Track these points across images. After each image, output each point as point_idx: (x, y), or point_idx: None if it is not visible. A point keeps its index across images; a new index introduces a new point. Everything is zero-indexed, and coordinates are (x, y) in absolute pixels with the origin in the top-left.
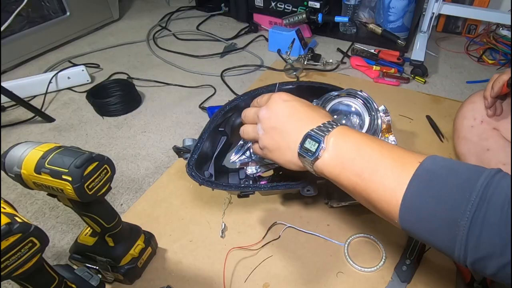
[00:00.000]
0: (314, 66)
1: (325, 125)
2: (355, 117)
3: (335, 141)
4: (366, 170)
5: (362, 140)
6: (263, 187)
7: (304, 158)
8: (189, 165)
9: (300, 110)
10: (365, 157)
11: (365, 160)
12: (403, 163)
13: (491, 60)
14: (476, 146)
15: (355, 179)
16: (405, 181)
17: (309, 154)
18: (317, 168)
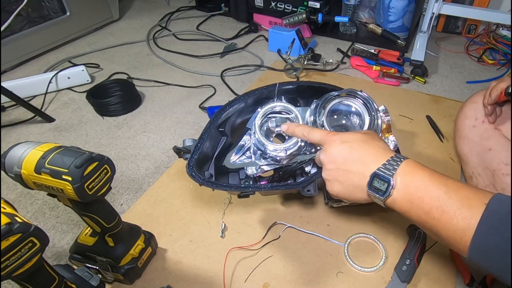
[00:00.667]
0: (314, 66)
1: (390, 163)
2: (355, 117)
3: (403, 179)
4: (434, 210)
5: (428, 178)
6: (264, 187)
7: (375, 198)
8: (189, 166)
9: (358, 149)
10: (433, 196)
11: (433, 200)
12: (470, 205)
13: (491, 60)
14: (478, 146)
15: (424, 217)
16: (474, 223)
17: (379, 193)
18: (388, 204)
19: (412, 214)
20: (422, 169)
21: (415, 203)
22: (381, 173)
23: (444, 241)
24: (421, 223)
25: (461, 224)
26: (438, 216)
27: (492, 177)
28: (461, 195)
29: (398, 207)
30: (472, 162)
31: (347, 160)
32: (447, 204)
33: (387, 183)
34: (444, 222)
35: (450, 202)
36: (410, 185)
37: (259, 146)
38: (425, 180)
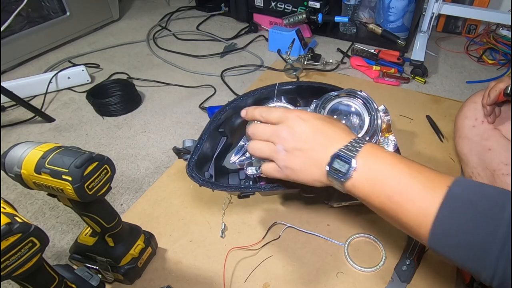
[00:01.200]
0: (314, 66)
1: (352, 144)
2: (355, 117)
3: (365, 161)
4: (396, 192)
5: (391, 160)
6: (264, 188)
7: (334, 179)
8: (189, 166)
9: (323, 128)
10: (395, 179)
11: (395, 182)
12: (433, 187)
13: (491, 60)
14: (478, 145)
15: (385, 200)
16: (435, 205)
17: (339, 175)
18: (347, 187)
19: (373, 198)
20: (384, 152)
21: (377, 187)
22: (342, 153)
23: (405, 227)
24: (381, 209)
25: (423, 207)
26: (400, 200)
27: (492, 177)
28: (424, 177)
29: (358, 191)
30: (472, 162)
31: (311, 140)
32: (409, 186)
33: (348, 164)
34: (406, 206)
35: (413, 185)
36: (372, 168)
37: None
38: (387, 163)
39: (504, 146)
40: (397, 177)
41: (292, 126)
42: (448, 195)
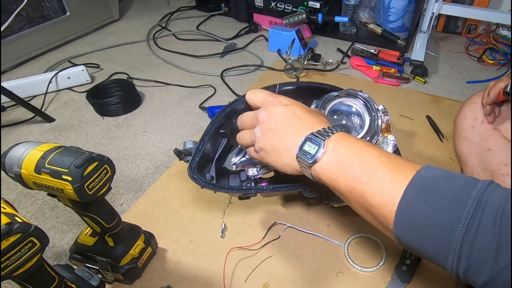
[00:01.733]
0: (314, 66)
1: (325, 130)
2: (356, 118)
3: (335, 145)
4: (364, 174)
5: (361, 145)
6: (265, 189)
7: (302, 161)
8: (191, 168)
9: (300, 114)
10: (364, 161)
11: (364, 164)
12: (401, 170)
13: (491, 60)
14: (477, 146)
15: (353, 183)
16: (402, 186)
17: (308, 157)
18: (315, 171)
19: (340, 181)
20: (356, 139)
21: (345, 169)
22: (313, 137)
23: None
24: (348, 191)
25: (390, 187)
26: (367, 180)
27: (492, 177)
28: (393, 161)
29: (326, 175)
30: (472, 162)
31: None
32: (378, 167)
33: (318, 146)
34: (373, 186)
35: (382, 166)
36: (342, 151)
37: None
38: (358, 147)
39: (503, 146)
40: (367, 160)
41: (270, 108)
42: (415, 177)
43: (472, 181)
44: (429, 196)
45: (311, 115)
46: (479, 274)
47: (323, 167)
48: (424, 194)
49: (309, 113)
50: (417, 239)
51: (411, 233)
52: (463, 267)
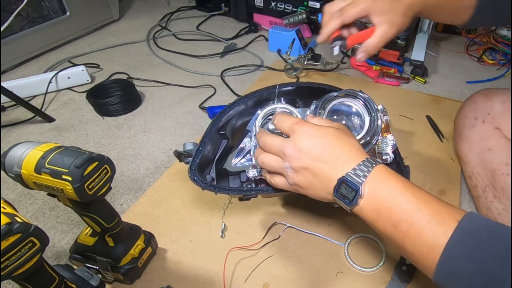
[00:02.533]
0: (314, 66)
1: (360, 168)
2: (356, 118)
3: (372, 188)
4: (403, 223)
5: (399, 188)
6: (266, 190)
7: (341, 203)
8: (191, 170)
9: (331, 147)
10: (402, 208)
11: (402, 211)
12: (441, 220)
13: (491, 60)
14: (478, 145)
15: (391, 229)
16: (444, 240)
17: (346, 201)
18: (354, 211)
19: (378, 225)
20: (393, 177)
21: (383, 214)
22: (349, 179)
23: (410, 256)
24: (387, 235)
25: (430, 240)
26: (406, 230)
27: (492, 177)
28: (432, 209)
29: (365, 216)
30: (472, 162)
31: (317, 159)
32: (416, 217)
33: (355, 191)
34: (412, 236)
35: (420, 215)
36: (379, 194)
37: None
38: (395, 190)
39: (504, 146)
40: (405, 207)
41: (298, 143)
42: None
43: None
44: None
45: (342, 145)
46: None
47: (362, 210)
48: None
49: (340, 142)
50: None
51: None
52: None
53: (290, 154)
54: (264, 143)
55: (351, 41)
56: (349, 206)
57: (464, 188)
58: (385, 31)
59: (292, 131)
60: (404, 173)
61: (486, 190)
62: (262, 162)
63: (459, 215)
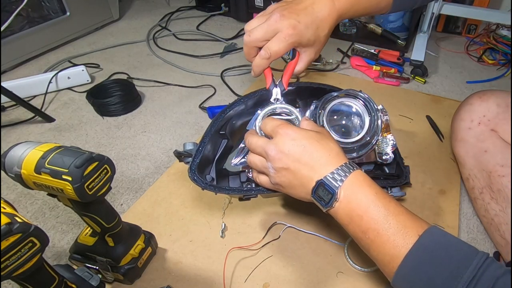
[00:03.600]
0: (314, 66)
1: (338, 172)
2: (356, 118)
3: (347, 194)
4: (371, 231)
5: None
6: (266, 190)
7: (317, 203)
8: (191, 170)
9: (311, 150)
10: (371, 218)
11: (371, 221)
12: (405, 233)
13: (491, 60)
14: (474, 147)
15: (360, 235)
16: (404, 252)
17: (322, 203)
18: (329, 213)
19: (349, 228)
20: (368, 186)
21: (354, 220)
22: (327, 182)
23: (374, 260)
24: (356, 239)
25: (392, 250)
26: (373, 238)
27: (488, 179)
28: (399, 221)
29: (338, 218)
30: (469, 164)
31: (297, 160)
32: (383, 228)
33: (332, 194)
34: (377, 245)
35: (387, 226)
36: (352, 201)
37: None
38: (367, 199)
39: (500, 147)
40: (375, 217)
41: (280, 144)
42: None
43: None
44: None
45: (323, 149)
46: None
47: (336, 213)
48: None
49: (320, 146)
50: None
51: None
52: None
53: (272, 155)
54: (250, 144)
55: (286, 82)
56: (325, 207)
57: (464, 188)
58: (310, 58)
59: (274, 133)
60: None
61: (483, 192)
62: (249, 161)
63: (422, 229)
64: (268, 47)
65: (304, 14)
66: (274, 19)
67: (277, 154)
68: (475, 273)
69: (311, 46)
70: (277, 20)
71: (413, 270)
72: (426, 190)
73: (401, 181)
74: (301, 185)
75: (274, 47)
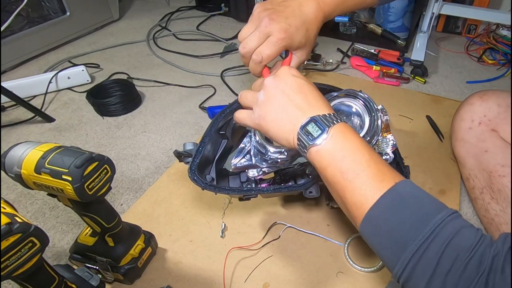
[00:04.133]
0: (314, 66)
1: (330, 116)
2: (356, 118)
3: (335, 135)
4: (351, 172)
5: (357, 143)
6: (266, 190)
7: (302, 140)
8: (191, 170)
9: (308, 90)
10: (355, 159)
11: (353, 163)
12: (382, 179)
13: (491, 60)
14: (474, 147)
15: (339, 176)
16: (378, 195)
17: (309, 138)
18: (309, 153)
19: (328, 170)
20: (356, 135)
21: (336, 160)
22: (319, 119)
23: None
24: (332, 182)
25: (368, 192)
26: (351, 179)
27: (489, 179)
28: (379, 168)
29: (319, 159)
30: (469, 164)
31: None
32: (364, 170)
33: (322, 131)
34: (354, 186)
35: (368, 170)
36: (338, 143)
37: (259, 149)
38: (354, 144)
39: (500, 147)
40: (357, 159)
41: (280, 75)
42: (391, 189)
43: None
44: (396, 212)
45: (318, 95)
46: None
47: (318, 152)
48: (392, 209)
49: (316, 92)
50: (376, 245)
51: (373, 238)
52: (403, 279)
53: (269, 82)
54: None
55: None
56: (311, 143)
57: (464, 188)
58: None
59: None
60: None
61: (483, 192)
62: (240, 96)
63: (398, 179)
64: (260, 51)
65: (293, 17)
66: (264, 24)
67: (273, 82)
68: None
69: (302, 48)
70: (267, 25)
71: (383, 212)
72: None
73: None
74: (288, 119)
75: (266, 51)
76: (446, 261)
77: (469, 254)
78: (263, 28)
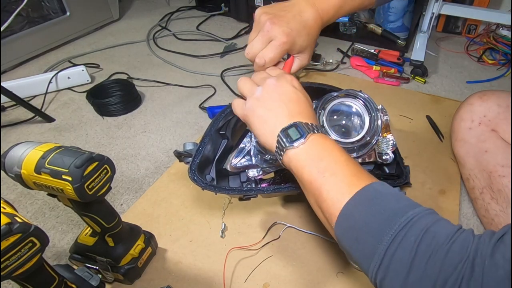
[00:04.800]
0: (314, 66)
1: (313, 126)
2: (356, 118)
3: (313, 140)
4: (328, 171)
5: (335, 148)
6: (266, 190)
7: (280, 141)
8: (191, 170)
9: (301, 102)
10: (332, 160)
11: (331, 163)
12: (360, 177)
13: (491, 60)
14: (474, 147)
15: (315, 175)
16: (355, 189)
17: (288, 140)
18: (287, 156)
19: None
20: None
21: (314, 161)
22: (301, 126)
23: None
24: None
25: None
26: (329, 177)
27: (489, 179)
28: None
29: (295, 162)
30: (469, 164)
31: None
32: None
33: (301, 135)
34: (331, 183)
35: (345, 169)
36: (317, 146)
37: (259, 149)
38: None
39: (500, 147)
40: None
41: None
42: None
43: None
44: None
45: (310, 110)
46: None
47: (295, 155)
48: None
49: (310, 108)
50: (351, 241)
51: (348, 234)
52: (380, 275)
53: (269, 83)
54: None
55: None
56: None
57: (464, 188)
58: (303, 63)
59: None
60: (404, 173)
61: (483, 192)
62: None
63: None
64: (263, 55)
65: (294, 22)
66: (266, 28)
67: (274, 86)
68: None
69: (303, 51)
70: (269, 29)
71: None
72: (426, 190)
73: (401, 181)
74: (274, 120)
75: (269, 55)
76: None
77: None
78: (265, 33)
